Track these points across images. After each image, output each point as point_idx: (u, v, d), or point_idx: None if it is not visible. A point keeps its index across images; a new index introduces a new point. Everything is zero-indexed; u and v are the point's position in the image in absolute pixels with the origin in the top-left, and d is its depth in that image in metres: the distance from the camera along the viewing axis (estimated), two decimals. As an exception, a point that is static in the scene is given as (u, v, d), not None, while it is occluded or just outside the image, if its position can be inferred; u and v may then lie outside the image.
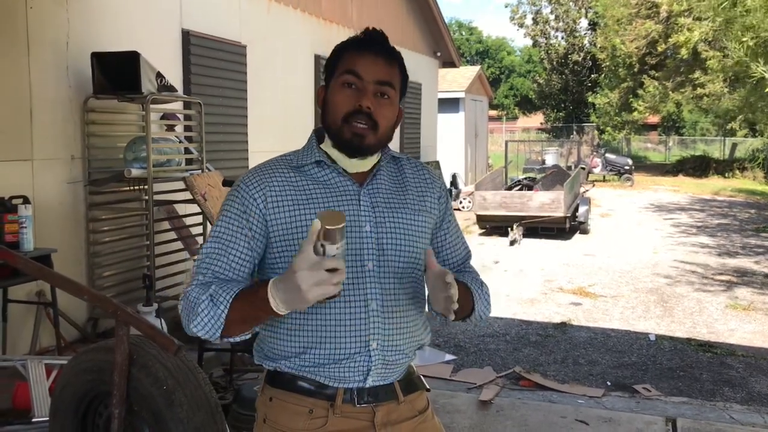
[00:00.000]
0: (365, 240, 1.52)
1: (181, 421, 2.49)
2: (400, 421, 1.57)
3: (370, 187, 1.57)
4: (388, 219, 1.55)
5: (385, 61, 1.54)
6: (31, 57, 4.54)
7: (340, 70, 1.53)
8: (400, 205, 1.58)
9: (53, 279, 3.15)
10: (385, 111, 1.53)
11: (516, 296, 7.40)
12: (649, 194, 18.94)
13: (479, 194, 11.60)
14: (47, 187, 4.67)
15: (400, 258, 1.55)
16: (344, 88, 1.52)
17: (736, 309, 6.91)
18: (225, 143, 6.68)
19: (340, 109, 1.51)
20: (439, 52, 14.31)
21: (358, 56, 1.53)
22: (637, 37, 21.34)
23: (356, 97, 1.51)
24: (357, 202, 1.54)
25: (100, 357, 2.69)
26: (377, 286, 1.52)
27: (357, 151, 1.53)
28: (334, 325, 1.49)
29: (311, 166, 1.56)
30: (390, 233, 1.54)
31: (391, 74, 1.55)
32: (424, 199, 1.64)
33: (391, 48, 1.57)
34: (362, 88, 1.51)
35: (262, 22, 7.48)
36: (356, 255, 1.50)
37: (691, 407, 4.31)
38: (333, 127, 1.54)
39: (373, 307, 1.50)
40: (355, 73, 1.51)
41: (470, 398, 4.29)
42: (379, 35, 1.57)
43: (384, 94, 1.53)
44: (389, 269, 1.53)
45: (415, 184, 1.64)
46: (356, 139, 1.51)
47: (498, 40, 47.58)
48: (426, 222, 1.63)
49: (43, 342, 4.51)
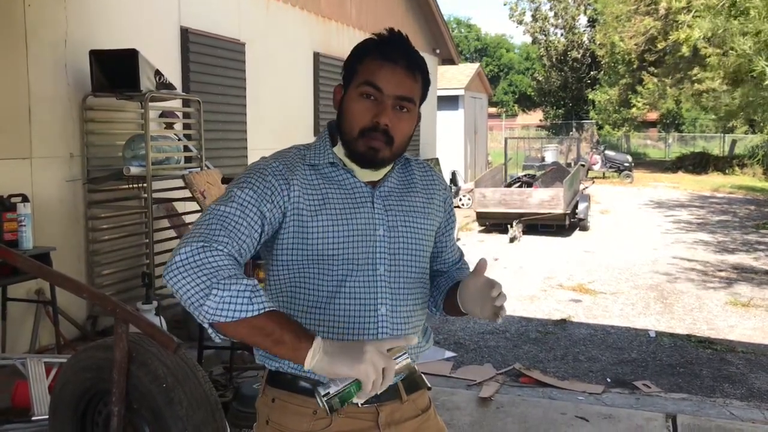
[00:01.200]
0: (378, 243, 1.51)
1: (181, 419, 2.49)
2: (403, 420, 1.57)
3: (381, 189, 1.55)
4: (401, 223, 1.54)
5: (407, 73, 1.49)
6: (29, 55, 4.54)
7: (360, 79, 1.48)
8: (410, 208, 1.58)
9: (53, 277, 3.14)
10: (403, 125, 1.50)
11: (516, 293, 7.39)
12: (648, 191, 18.94)
13: (479, 191, 11.59)
14: (46, 185, 4.66)
15: (410, 261, 1.55)
16: (362, 98, 1.48)
17: (736, 305, 6.91)
18: (224, 141, 6.68)
19: (357, 122, 1.48)
20: (438, 50, 14.30)
21: (380, 66, 1.47)
22: (636, 34, 21.30)
23: (374, 111, 1.47)
24: (371, 205, 1.52)
25: (99, 355, 2.69)
26: (388, 291, 1.51)
27: (370, 164, 1.52)
28: (343, 327, 1.48)
29: (325, 165, 1.53)
30: (402, 237, 1.54)
31: (412, 88, 1.51)
32: (432, 202, 1.63)
33: (415, 57, 1.52)
34: (381, 102, 1.47)
35: (261, 20, 7.47)
36: (369, 258, 1.49)
37: (691, 403, 4.31)
38: (348, 137, 1.50)
39: (382, 312, 1.50)
40: (375, 86, 1.47)
41: (470, 395, 4.29)
42: (404, 43, 1.51)
43: (403, 107, 1.49)
44: (400, 273, 1.53)
45: (423, 187, 1.64)
46: (370, 153, 1.48)
47: (497, 38, 47.55)
48: (433, 225, 1.63)
49: (42, 340, 4.51)
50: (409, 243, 1.54)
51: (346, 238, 1.47)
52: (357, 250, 1.48)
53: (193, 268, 1.28)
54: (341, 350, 1.28)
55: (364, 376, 1.24)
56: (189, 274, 1.28)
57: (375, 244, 1.50)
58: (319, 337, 1.30)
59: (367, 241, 1.49)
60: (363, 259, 1.48)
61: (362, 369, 1.24)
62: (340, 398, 1.26)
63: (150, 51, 5.08)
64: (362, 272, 1.48)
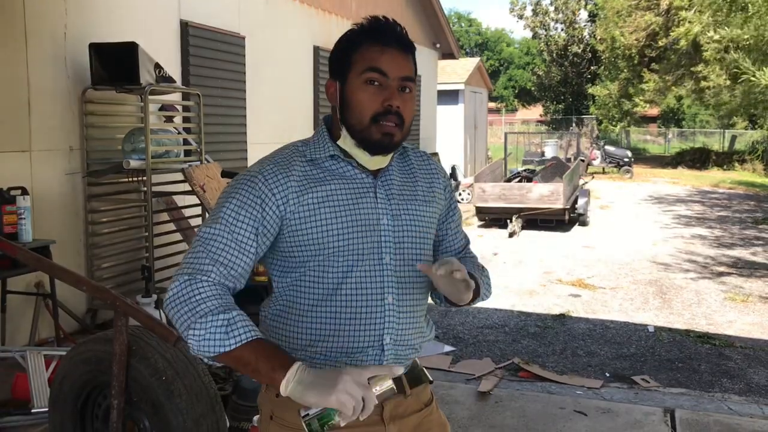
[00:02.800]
0: (383, 233, 1.50)
1: (181, 412, 2.49)
2: (407, 414, 1.57)
3: (383, 178, 1.55)
4: (404, 211, 1.54)
5: (405, 54, 1.50)
6: (29, 48, 4.53)
7: (361, 67, 1.47)
8: (412, 196, 1.57)
9: (52, 270, 3.14)
10: (409, 106, 1.50)
11: (515, 288, 7.40)
12: (648, 186, 18.93)
13: (478, 186, 11.59)
14: (46, 178, 4.66)
15: (416, 250, 1.55)
16: (368, 85, 1.47)
17: (735, 300, 6.92)
18: (224, 134, 6.67)
19: (367, 110, 1.47)
20: (438, 44, 14.28)
21: (381, 52, 1.47)
22: (637, 29, 21.28)
23: (383, 96, 1.46)
24: (374, 195, 1.52)
25: (99, 348, 2.69)
26: (394, 280, 1.51)
27: (386, 150, 1.51)
28: (350, 317, 1.48)
29: (325, 159, 1.53)
30: (406, 226, 1.53)
31: (411, 68, 1.52)
32: (433, 189, 1.63)
33: (406, 38, 1.52)
34: (387, 86, 1.47)
35: (261, 13, 7.45)
36: (374, 248, 1.49)
37: (690, 398, 4.32)
38: (358, 127, 1.48)
39: (389, 301, 1.50)
40: (380, 70, 1.46)
41: (469, 389, 4.30)
42: (394, 26, 1.52)
43: (406, 88, 1.49)
44: (406, 261, 1.53)
45: (423, 175, 1.63)
46: (386, 138, 1.48)
47: (497, 32, 47.49)
48: (435, 212, 1.63)
49: (42, 333, 4.51)
50: (413, 231, 1.54)
51: (349, 230, 1.47)
52: (361, 240, 1.48)
53: (178, 304, 1.37)
54: (316, 379, 1.28)
55: (337, 405, 1.25)
56: (177, 310, 1.37)
57: (380, 233, 1.50)
58: (298, 363, 1.31)
59: (372, 231, 1.49)
60: (368, 250, 1.48)
61: (333, 399, 1.25)
62: (320, 420, 1.27)
63: (150, 44, 5.07)
64: (368, 262, 1.48)
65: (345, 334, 1.48)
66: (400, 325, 1.51)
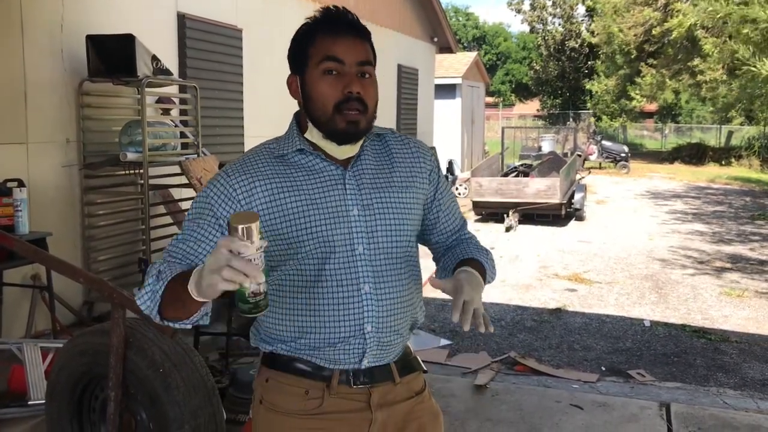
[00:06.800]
0: (354, 224, 1.50)
1: (178, 404, 2.49)
2: (396, 402, 1.58)
3: (354, 169, 1.55)
4: (376, 200, 1.53)
5: (360, 39, 1.51)
6: (25, 40, 4.51)
7: (317, 57, 1.48)
8: (386, 184, 1.56)
9: (49, 262, 3.14)
10: (371, 91, 1.50)
11: (511, 282, 7.42)
12: (644, 181, 18.97)
13: (475, 181, 11.60)
14: (42, 170, 4.65)
15: (390, 238, 1.54)
16: (326, 75, 1.47)
17: (731, 295, 6.94)
18: (221, 127, 6.66)
19: (328, 99, 1.47)
20: (435, 38, 14.25)
21: (334, 40, 1.48)
22: (635, 25, 21.25)
23: (342, 84, 1.46)
24: (342, 186, 1.51)
25: (96, 340, 2.69)
26: (369, 269, 1.51)
27: (353, 138, 1.51)
28: (328, 309, 1.49)
29: (293, 153, 1.53)
30: (378, 214, 1.53)
31: (368, 52, 1.52)
32: (413, 174, 1.61)
33: (360, 25, 1.53)
34: (346, 73, 1.47)
35: (258, 6, 7.43)
36: (346, 239, 1.49)
37: (685, 392, 4.34)
38: (322, 118, 1.49)
39: (366, 290, 1.50)
40: (336, 58, 1.47)
41: (465, 382, 4.31)
42: (346, 14, 1.53)
43: (365, 73, 1.50)
44: (380, 251, 1.52)
45: (402, 160, 1.62)
46: (351, 126, 1.48)
47: (495, 26, 47.43)
48: (415, 197, 1.61)
49: (38, 325, 4.50)
50: (387, 220, 1.53)
51: (319, 221, 1.48)
52: (332, 232, 1.48)
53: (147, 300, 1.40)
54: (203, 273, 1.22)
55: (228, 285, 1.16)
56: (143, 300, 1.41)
57: (350, 224, 1.50)
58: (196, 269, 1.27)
59: (341, 222, 1.49)
60: (340, 241, 1.48)
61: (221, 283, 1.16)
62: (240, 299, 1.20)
63: (147, 36, 5.05)
64: (341, 254, 1.48)
65: (326, 325, 1.49)
66: (381, 313, 1.51)
